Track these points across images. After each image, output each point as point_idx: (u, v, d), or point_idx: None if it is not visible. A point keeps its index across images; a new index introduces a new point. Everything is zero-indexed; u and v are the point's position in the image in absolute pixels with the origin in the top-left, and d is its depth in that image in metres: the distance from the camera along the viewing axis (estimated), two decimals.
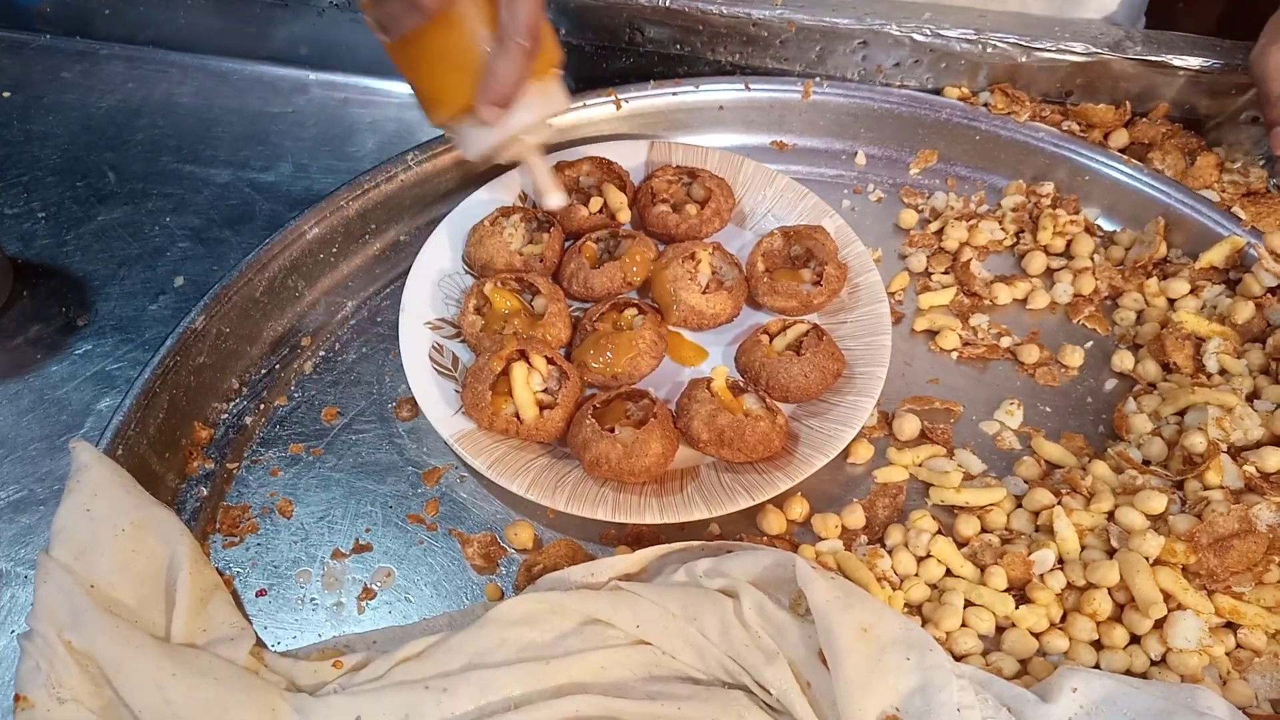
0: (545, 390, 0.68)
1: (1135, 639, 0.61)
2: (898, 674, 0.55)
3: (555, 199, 0.72)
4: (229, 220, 0.85)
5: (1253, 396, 0.70)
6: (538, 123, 0.68)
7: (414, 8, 0.61)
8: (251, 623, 0.61)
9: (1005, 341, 0.76)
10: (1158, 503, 0.63)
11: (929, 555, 0.64)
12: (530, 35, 0.62)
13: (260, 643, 0.60)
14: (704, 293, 0.73)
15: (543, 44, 0.64)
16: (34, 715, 0.52)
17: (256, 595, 0.63)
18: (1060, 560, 0.63)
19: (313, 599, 0.63)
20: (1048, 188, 0.84)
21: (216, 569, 0.63)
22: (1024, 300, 0.79)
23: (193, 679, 0.54)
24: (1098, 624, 0.61)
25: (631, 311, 0.73)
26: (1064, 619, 0.62)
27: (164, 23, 0.97)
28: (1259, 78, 0.79)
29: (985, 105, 0.87)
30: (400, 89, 0.97)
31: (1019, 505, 0.67)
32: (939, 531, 0.65)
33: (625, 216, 0.79)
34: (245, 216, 0.85)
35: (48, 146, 0.92)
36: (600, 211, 0.78)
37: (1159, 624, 0.60)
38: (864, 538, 0.66)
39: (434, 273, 0.76)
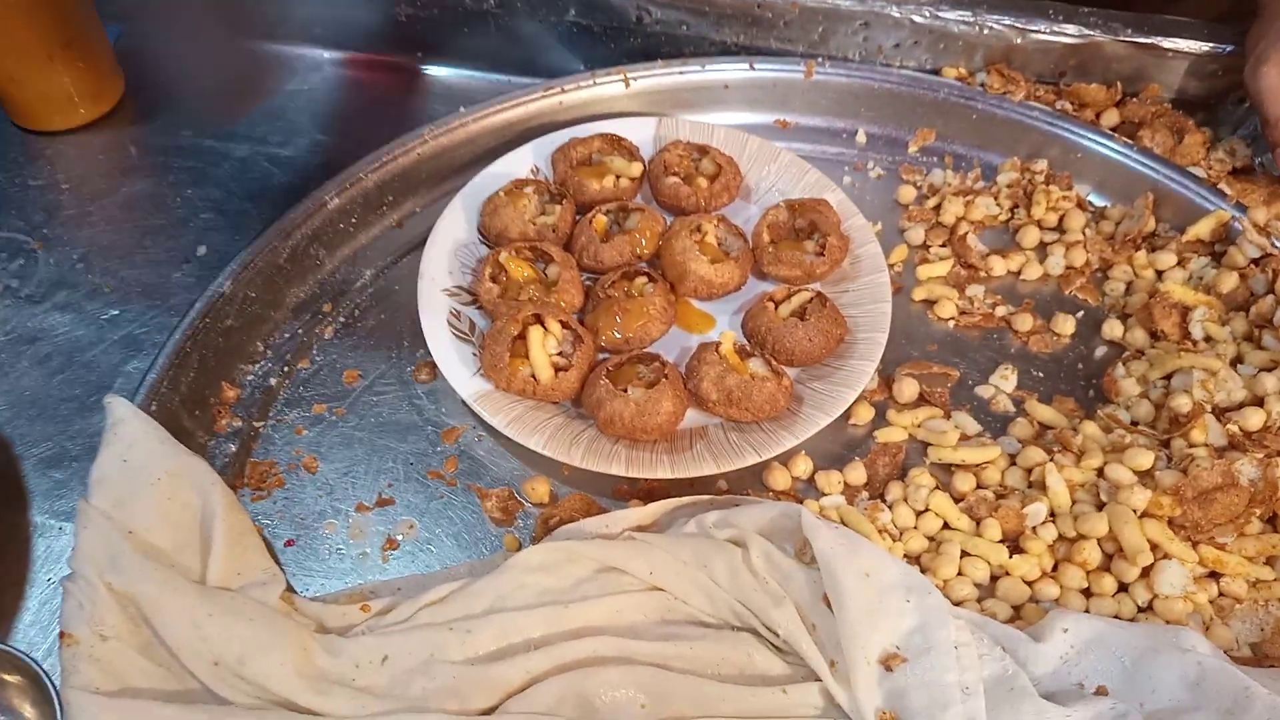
0: (560, 353, 0.70)
1: (1123, 587, 0.64)
2: (898, 615, 0.57)
3: None
4: (249, 193, 0.87)
5: (1236, 361, 0.73)
6: None
7: None
8: (283, 570, 0.64)
9: (1000, 311, 0.79)
10: (1145, 459, 0.66)
11: (927, 509, 0.67)
12: None
13: (290, 588, 0.63)
14: (712, 263, 0.76)
15: None
16: (79, 651, 0.55)
17: (285, 545, 0.66)
18: (1052, 513, 0.66)
19: (339, 549, 0.66)
20: (1041, 165, 0.87)
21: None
22: (1018, 272, 0.82)
23: (228, 619, 0.57)
24: (1087, 573, 0.64)
25: (642, 280, 0.75)
26: (1055, 568, 0.65)
27: (183, 5, 0.99)
28: (1255, 99, 0.80)
29: (981, 85, 0.90)
30: (409, 67, 0.99)
31: (1013, 463, 0.70)
32: (937, 487, 0.68)
33: (636, 188, 0.82)
34: (264, 189, 0.88)
35: None
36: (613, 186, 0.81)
37: (1146, 572, 0.63)
38: (865, 493, 0.69)
39: (450, 243, 0.78)
